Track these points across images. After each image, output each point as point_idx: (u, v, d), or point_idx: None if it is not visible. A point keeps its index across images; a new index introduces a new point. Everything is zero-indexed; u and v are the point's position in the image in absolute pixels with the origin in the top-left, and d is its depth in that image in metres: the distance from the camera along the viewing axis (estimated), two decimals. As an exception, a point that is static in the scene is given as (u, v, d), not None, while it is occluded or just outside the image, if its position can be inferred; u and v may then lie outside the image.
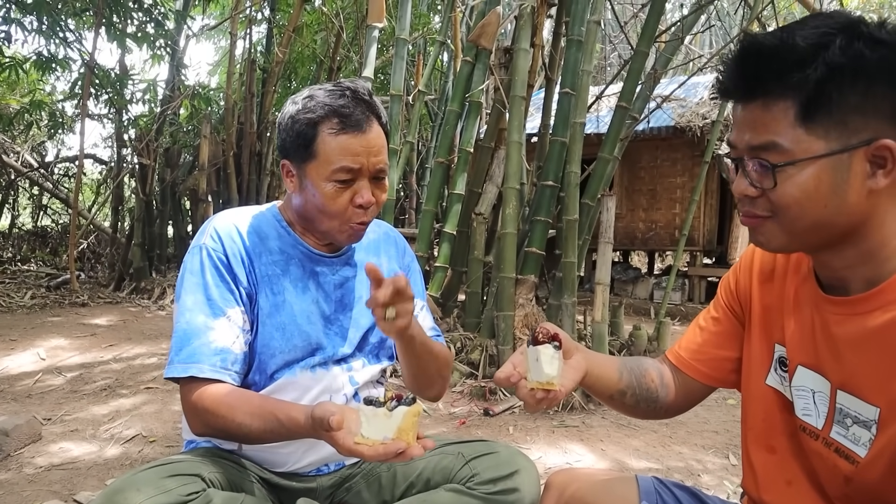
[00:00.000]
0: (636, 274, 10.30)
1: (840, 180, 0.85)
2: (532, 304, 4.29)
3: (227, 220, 1.41)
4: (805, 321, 1.00)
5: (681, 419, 3.69)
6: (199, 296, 1.31)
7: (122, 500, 1.05)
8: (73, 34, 6.78)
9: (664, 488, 1.20)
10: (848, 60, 0.81)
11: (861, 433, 0.90)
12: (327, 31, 8.88)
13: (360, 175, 1.33)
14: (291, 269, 1.41)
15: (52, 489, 2.44)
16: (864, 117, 0.83)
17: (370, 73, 4.93)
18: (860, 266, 0.90)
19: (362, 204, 1.33)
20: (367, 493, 1.44)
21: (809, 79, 0.82)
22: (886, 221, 0.87)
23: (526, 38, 4.41)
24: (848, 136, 0.83)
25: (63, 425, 3.17)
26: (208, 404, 1.23)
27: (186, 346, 1.27)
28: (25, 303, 6.46)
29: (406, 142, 5.58)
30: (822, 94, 0.82)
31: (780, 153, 0.86)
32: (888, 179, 0.84)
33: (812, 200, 0.86)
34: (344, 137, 1.31)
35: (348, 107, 1.32)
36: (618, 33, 10.51)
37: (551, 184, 4.44)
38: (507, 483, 1.31)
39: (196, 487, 1.11)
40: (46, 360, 4.41)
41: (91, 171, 12.51)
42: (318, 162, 1.32)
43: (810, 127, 0.84)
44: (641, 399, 1.20)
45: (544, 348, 0.98)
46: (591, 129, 6.39)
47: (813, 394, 0.98)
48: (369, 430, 1.03)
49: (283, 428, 1.18)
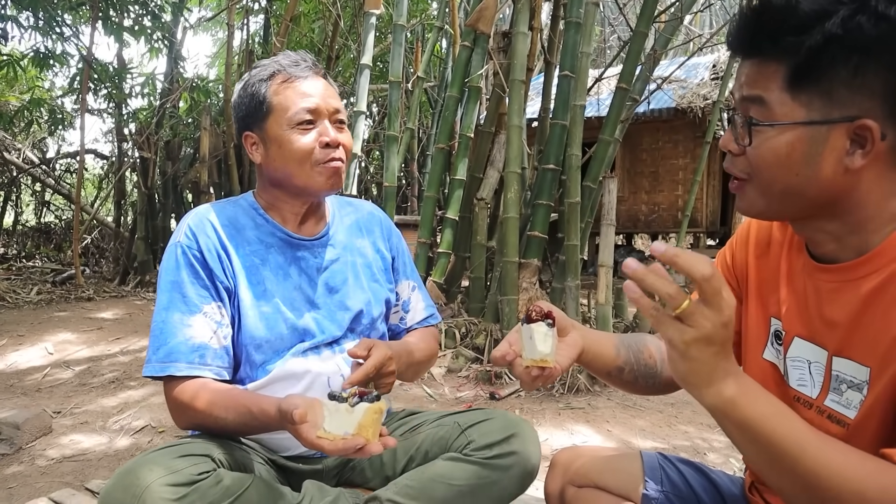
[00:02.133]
0: (639, 257, 10.30)
1: (814, 151, 0.84)
2: (536, 287, 4.30)
3: (202, 215, 1.40)
4: (799, 292, 1.00)
5: (686, 399, 3.71)
6: (174, 294, 1.32)
7: (133, 480, 1.06)
8: (69, 29, 6.76)
9: (668, 463, 1.21)
10: (845, 32, 0.79)
11: (853, 396, 0.91)
12: (325, 19, 8.84)
13: (319, 115, 1.37)
14: (271, 257, 1.41)
15: (64, 480, 2.47)
16: (852, 93, 0.81)
17: (368, 60, 4.91)
18: (847, 237, 0.90)
19: (329, 142, 1.36)
20: (370, 471, 1.46)
21: (804, 45, 0.81)
22: (871, 199, 0.87)
23: (524, 22, 4.39)
24: (830, 109, 0.82)
25: (73, 418, 3.20)
26: (187, 400, 1.26)
27: (164, 345, 1.28)
28: (32, 298, 6.50)
29: (406, 129, 5.57)
30: (813, 63, 0.82)
31: (764, 111, 0.86)
32: (865, 160, 0.83)
33: (783, 166, 0.86)
34: (296, 83, 1.37)
35: (294, 62, 1.40)
36: (617, 15, 10.44)
37: (552, 167, 4.44)
38: (503, 447, 1.31)
39: (206, 467, 1.13)
40: (54, 354, 4.44)
41: (92, 166, 12.54)
42: (275, 114, 1.37)
43: (795, 93, 0.84)
44: (640, 375, 1.20)
45: (537, 326, 0.99)
46: (591, 112, 6.37)
47: (809, 364, 0.98)
48: (331, 424, 1.05)
49: (255, 420, 1.20)
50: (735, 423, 0.80)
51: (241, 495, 1.13)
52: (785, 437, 0.78)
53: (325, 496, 1.27)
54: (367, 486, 1.45)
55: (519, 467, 1.31)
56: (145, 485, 1.05)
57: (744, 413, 0.79)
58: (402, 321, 1.61)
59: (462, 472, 1.30)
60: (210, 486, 1.10)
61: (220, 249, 1.36)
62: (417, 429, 1.46)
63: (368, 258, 1.54)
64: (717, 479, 1.20)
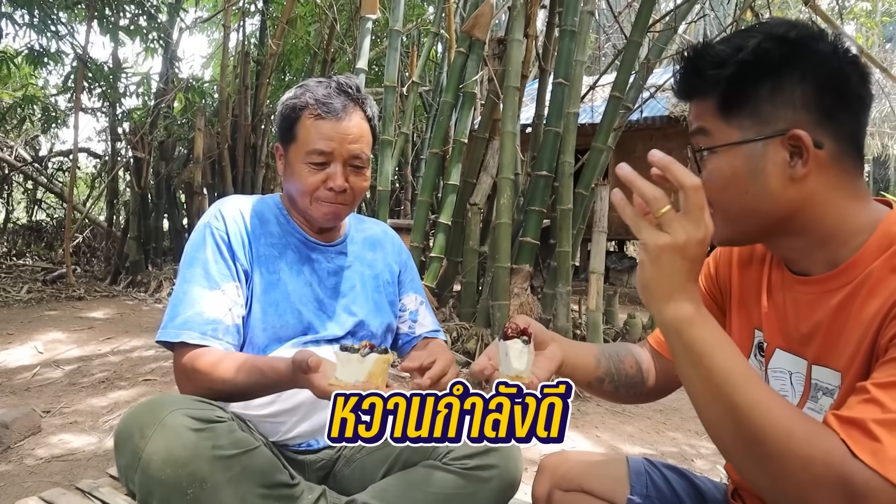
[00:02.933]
0: (631, 263, 10.34)
1: (757, 167, 0.91)
2: (527, 293, 4.33)
3: (233, 203, 1.51)
4: (779, 305, 1.03)
5: (674, 406, 3.73)
6: (197, 269, 1.40)
7: (158, 406, 1.16)
8: (65, 27, 6.75)
9: (654, 469, 1.24)
10: (755, 58, 0.90)
11: (825, 402, 0.94)
12: (321, 22, 8.86)
13: (333, 159, 1.42)
14: (288, 253, 1.50)
15: (52, 480, 2.46)
16: (775, 108, 0.90)
17: (364, 64, 4.93)
18: (816, 252, 0.95)
19: (333, 188, 1.42)
20: (350, 479, 1.49)
21: (723, 75, 0.91)
22: (828, 212, 0.92)
23: (519, 29, 4.42)
24: (761, 127, 0.91)
25: (62, 417, 3.19)
26: (197, 364, 1.32)
27: (180, 314, 1.36)
28: (22, 297, 6.47)
29: (401, 133, 5.59)
30: (735, 89, 0.91)
31: (706, 139, 0.95)
32: (807, 168, 0.90)
33: (731, 185, 0.93)
34: (321, 122, 1.41)
35: (330, 96, 1.43)
36: (611, 23, 10.51)
37: (545, 174, 4.47)
38: (483, 459, 1.34)
39: (223, 415, 1.21)
40: (44, 353, 4.43)
41: (85, 164, 12.49)
42: (297, 144, 1.44)
43: (728, 118, 0.93)
44: (620, 385, 1.23)
45: (513, 343, 1.01)
46: (585, 120, 6.41)
47: (790, 375, 1.01)
48: (343, 373, 1.10)
49: (266, 378, 1.26)
50: (684, 343, 0.83)
51: (248, 452, 1.20)
52: (728, 368, 0.81)
53: (312, 491, 1.34)
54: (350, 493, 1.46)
55: (498, 480, 1.34)
56: (169, 410, 1.14)
57: (695, 334, 0.83)
58: (412, 329, 1.67)
59: (440, 481, 1.32)
60: (225, 430, 1.18)
61: (244, 235, 1.46)
62: None
63: (377, 270, 1.63)
64: (701, 485, 1.23)
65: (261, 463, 1.22)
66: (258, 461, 1.22)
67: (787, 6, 8.86)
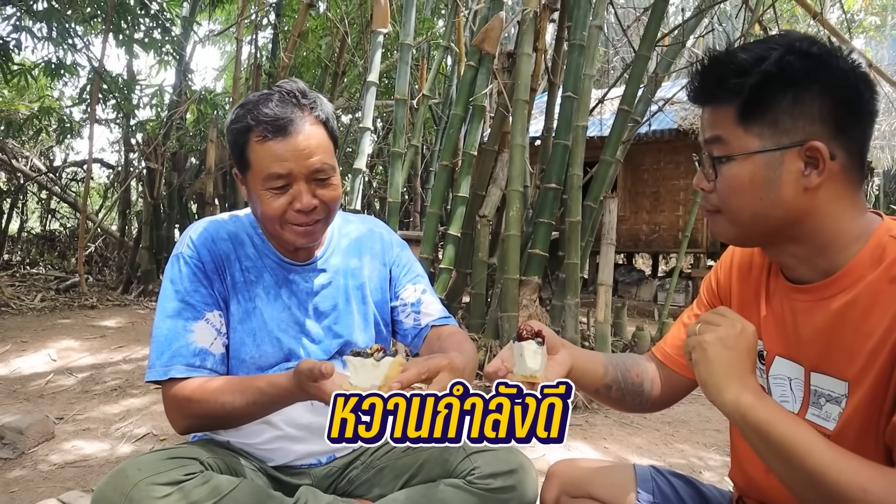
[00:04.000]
0: (640, 276, 10.33)
1: (773, 175, 0.95)
2: (536, 304, 4.34)
3: (204, 230, 1.43)
4: (778, 313, 1.07)
5: (683, 418, 3.73)
6: (177, 302, 1.35)
7: (123, 479, 1.13)
8: (81, 40, 6.85)
9: (660, 476, 1.26)
10: (778, 70, 0.93)
11: (832, 409, 0.97)
12: (332, 36, 8.95)
13: (293, 179, 1.32)
14: (265, 276, 1.44)
15: (65, 486, 2.50)
16: (794, 120, 0.94)
17: (375, 78, 4.99)
18: (814, 260, 0.99)
19: (301, 209, 1.32)
20: (368, 483, 1.47)
21: (746, 84, 0.94)
22: (830, 221, 0.97)
23: (529, 43, 4.47)
24: (780, 137, 0.95)
25: (75, 424, 3.23)
26: (189, 393, 1.28)
27: (167, 350, 1.32)
28: (35, 305, 6.53)
29: (411, 145, 5.63)
30: (757, 99, 0.95)
31: (724, 147, 0.99)
32: (821, 178, 0.94)
33: (748, 193, 0.97)
34: (270, 144, 1.30)
35: (274, 112, 1.31)
36: (620, 37, 10.56)
37: (554, 186, 4.50)
38: (506, 479, 1.32)
39: (193, 469, 1.19)
40: (57, 360, 4.48)
41: (99, 175, 12.61)
42: (252, 171, 1.34)
43: (747, 127, 0.96)
44: (627, 393, 1.26)
45: (528, 344, 1.04)
46: (594, 133, 6.43)
47: (790, 381, 1.05)
48: (357, 379, 1.09)
49: (265, 396, 1.23)
50: (750, 426, 0.90)
51: (227, 495, 1.17)
52: (793, 438, 0.88)
53: (318, 501, 1.29)
54: (366, 497, 1.46)
55: (516, 502, 1.33)
56: (133, 483, 1.12)
57: (756, 416, 0.90)
58: (417, 321, 1.57)
59: (461, 502, 1.30)
60: (195, 486, 1.15)
61: (218, 262, 1.40)
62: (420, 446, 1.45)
63: (362, 279, 1.54)
64: (706, 492, 1.24)
65: (245, 500, 1.19)
66: (242, 498, 1.19)
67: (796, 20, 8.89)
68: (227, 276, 1.40)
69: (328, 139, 1.37)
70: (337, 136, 1.42)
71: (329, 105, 1.41)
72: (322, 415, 1.41)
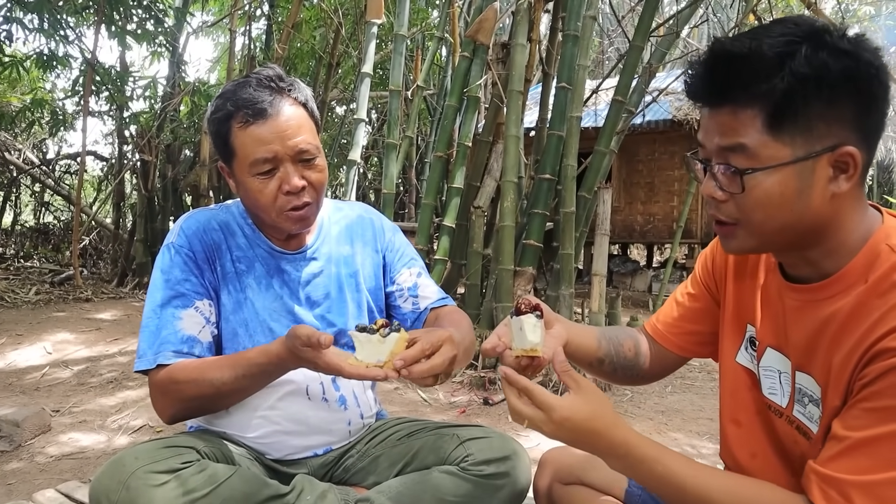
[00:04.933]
0: (635, 266, 10.37)
1: (805, 185, 0.87)
2: (530, 295, 4.36)
3: (195, 220, 1.43)
4: (772, 304, 1.05)
5: (676, 407, 3.76)
6: (166, 291, 1.34)
7: (120, 467, 1.14)
8: (73, 32, 6.81)
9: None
10: (813, 71, 0.83)
11: (814, 411, 0.96)
12: (326, 27, 8.91)
13: (280, 161, 1.31)
14: (256, 266, 1.43)
15: (62, 478, 2.51)
16: (828, 125, 0.85)
17: (369, 69, 4.99)
18: (823, 261, 0.94)
19: (290, 190, 1.31)
20: (363, 471, 1.48)
21: (776, 88, 0.84)
22: (846, 223, 0.91)
23: (523, 34, 4.47)
24: (812, 143, 0.86)
25: (72, 416, 3.24)
26: (176, 376, 1.27)
27: (156, 339, 1.31)
28: (30, 298, 6.52)
29: (405, 136, 5.63)
30: (789, 103, 0.84)
31: (748, 157, 0.88)
32: (850, 183, 0.88)
33: (778, 206, 0.89)
34: (252, 128, 1.30)
35: (252, 96, 1.31)
36: (614, 28, 10.55)
37: (548, 177, 4.51)
38: (500, 466, 1.33)
39: (190, 458, 1.19)
40: (53, 353, 4.48)
41: (92, 167, 12.57)
42: (238, 159, 1.33)
43: (777, 134, 0.86)
44: (619, 367, 1.28)
45: (527, 318, 1.02)
46: (588, 123, 6.45)
47: (779, 374, 1.03)
48: (363, 354, 1.11)
49: (255, 367, 1.23)
50: (630, 469, 0.96)
51: (223, 483, 1.17)
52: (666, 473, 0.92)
53: (314, 489, 1.30)
54: (362, 485, 1.47)
55: (509, 489, 1.33)
56: (130, 471, 1.12)
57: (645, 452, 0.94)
58: (416, 305, 1.55)
59: (456, 488, 1.31)
60: (192, 473, 1.15)
61: (209, 252, 1.39)
62: (415, 435, 1.48)
63: (355, 266, 1.53)
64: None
65: (242, 486, 1.19)
66: (239, 486, 1.19)
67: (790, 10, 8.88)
68: (217, 266, 1.40)
69: (310, 120, 1.37)
70: (318, 119, 1.41)
71: (307, 88, 1.40)
72: (321, 409, 1.43)
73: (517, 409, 0.95)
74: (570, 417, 0.92)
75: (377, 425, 1.56)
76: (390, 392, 3.84)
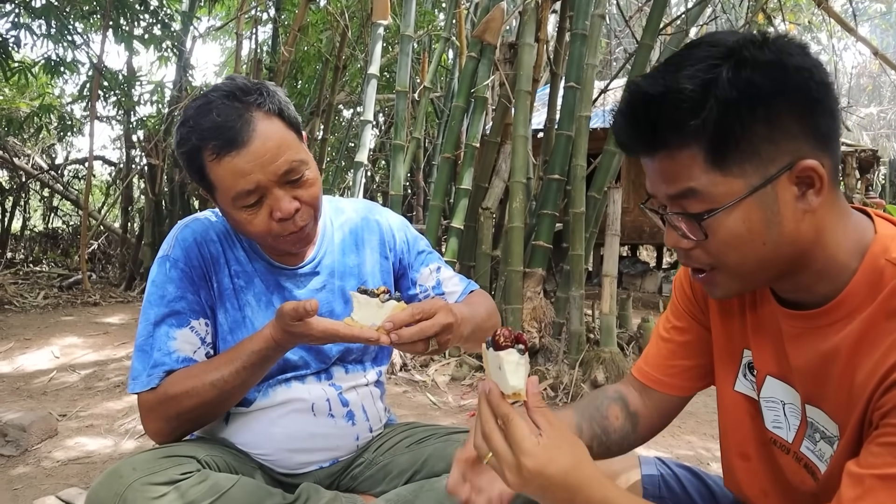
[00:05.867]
0: (644, 268, 10.30)
1: (771, 213, 0.80)
2: (540, 296, 4.32)
3: (191, 229, 1.34)
4: (768, 330, 0.96)
5: (690, 409, 3.70)
6: (161, 308, 1.28)
7: (116, 479, 1.10)
8: (80, 37, 6.83)
9: (665, 468, 1.23)
10: (740, 93, 0.77)
11: (825, 449, 0.88)
12: (333, 29, 8.90)
13: (265, 190, 1.19)
14: (256, 282, 1.35)
15: (69, 482, 2.48)
16: (776, 144, 0.79)
17: (375, 70, 4.96)
18: (815, 286, 0.86)
19: (282, 217, 1.21)
20: (371, 480, 1.44)
21: (707, 121, 0.77)
22: (829, 238, 0.83)
23: (530, 33, 4.44)
24: (765, 167, 0.79)
25: (78, 421, 3.22)
26: (171, 391, 1.22)
27: (150, 359, 1.25)
28: (39, 303, 6.53)
29: (412, 138, 5.60)
30: (725, 134, 0.78)
31: (701, 200, 0.81)
32: (820, 197, 0.80)
33: (748, 242, 0.82)
34: (226, 160, 1.17)
35: (216, 123, 1.16)
36: (622, 27, 10.50)
37: (557, 177, 4.47)
38: None
39: (190, 468, 1.15)
40: (60, 357, 4.47)
41: (100, 172, 12.60)
42: (219, 192, 1.22)
43: (724, 169, 0.80)
44: (611, 444, 1.14)
45: (507, 354, 0.83)
46: (597, 124, 6.40)
47: (783, 405, 0.95)
48: (360, 315, 1.10)
49: (254, 355, 1.19)
50: None
51: (225, 494, 1.13)
52: None
53: (320, 498, 1.26)
54: (369, 493, 1.43)
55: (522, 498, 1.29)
56: (127, 483, 1.08)
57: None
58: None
59: None
60: (192, 485, 1.11)
61: (206, 266, 1.32)
62: (424, 441, 1.44)
63: (363, 276, 1.45)
64: (713, 485, 1.22)
65: (245, 496, 1.15)
66: (241, 496, 1.15)
67: (800, 8, 8.82)
68: (214, 282, 1.32)
69: (289, 131, 1.23)
70: (298, 122, 1.27)
71: (279, 91, 1.26)
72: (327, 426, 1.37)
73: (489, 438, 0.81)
74: (543, 472, 0.78)
75: (385, 432, 1.52)
76: (399, 395, 3.80)
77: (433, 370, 4.19)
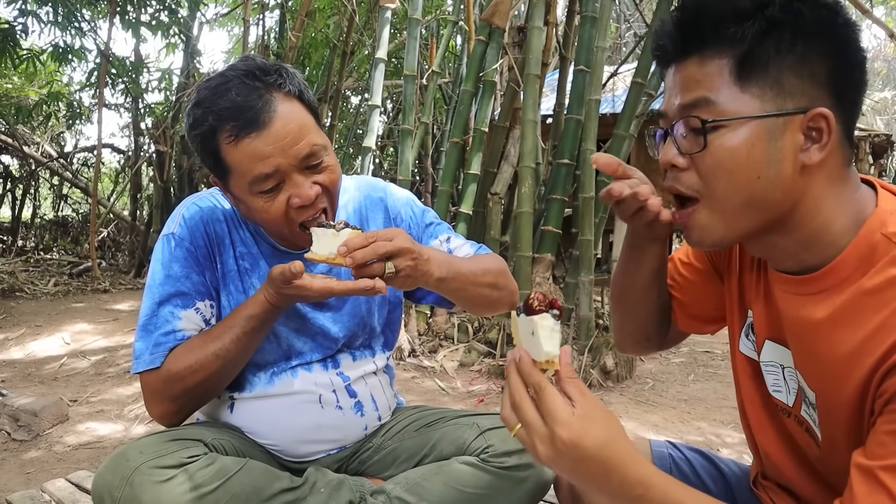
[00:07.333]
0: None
1: (774, 149, 0.78)
2: (549, 282, 4.30)
3: (198, 208, 1.31)
4: (768, 293, 0.95)
5: (699, 395, 3.69)
6: (166, 287, 1.25)
7: (124, 461, 1.09)
8: (88, 24, 6.82)
9: (676, 450, 1.22)
10: (787, 17, 0.77)
11: (814, 416, 0.87)
12: (340, 14, 8.85)
13: (285, 174, 1.15)
14: (261, 264, 1.31)
15: (80, 466, 2.50)
16: (801, 81, 0.78)
17: (383, 54, 4.93)
18: (801, 254, 0.84)
19: (303, 203, 1.16)
20: (379, 464, 1.42)
21: (747, 32, 0.78)
22: (823, 205, 0.81)
23: (539, 16, 4.38)
24: (783, 99, 0.78)
25: (89, 406, 3.24)
26: (175, 367, 1.20)
27: (154, 338, 1.23)
28: (49, 290, 6.58)
29: (421, 123, 5.57)
30: (760, 50, 0.78)
31: (712, 110, 0.80)
32: (822, 153, 0.78)
33: (744, 169, 0.79)
34: (245, 142, 1.12)
35: (235, 103, 1.12)
36: (633, 10, 10.38)
37: (567, 162, 4.43)
38: (521, 458, 1.26)
39: (197, 451, 1.13)
40: (71, 344, 4.50)
41: (109, 160, 12.67)
42: (234, 176, 1.17)
43: (745, 85, 0.79)
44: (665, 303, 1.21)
45: (541, 319, 0.77)
46: (606, 109, 6.34)
47: (782, 369, 0.93)
48: (318, 247, 1.12)
49: (253, 319, 1.18)
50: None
51: (232, 476, 1.12)
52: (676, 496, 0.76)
53: (328, 481, 1.25)
54: (378, 476, 1.42)
55: (532, 481, 1.28)
56: (134, 466, 1.07)
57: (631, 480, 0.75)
58: None
59: (476, 480, 1.25)
60: (200, 467, 1.10)
61: (212, 247, 1.29)
62: (433, 425, 1.41)
63: None
64: (724, 468, 1.20)
65: (252, 480, 1.14)
66: (249, 479, 1.13)
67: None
68: (218, 263, 1.29)
69: (308, 115, 1.19)
70: (316, 107, 1.23)
71: (296, 72, 1.21)
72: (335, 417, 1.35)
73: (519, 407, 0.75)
74: (579, 444, 0.72)
75: (393, 416, 1.49)
76: (407, 381, 3.80)
77: (441, 356, 4.19)
